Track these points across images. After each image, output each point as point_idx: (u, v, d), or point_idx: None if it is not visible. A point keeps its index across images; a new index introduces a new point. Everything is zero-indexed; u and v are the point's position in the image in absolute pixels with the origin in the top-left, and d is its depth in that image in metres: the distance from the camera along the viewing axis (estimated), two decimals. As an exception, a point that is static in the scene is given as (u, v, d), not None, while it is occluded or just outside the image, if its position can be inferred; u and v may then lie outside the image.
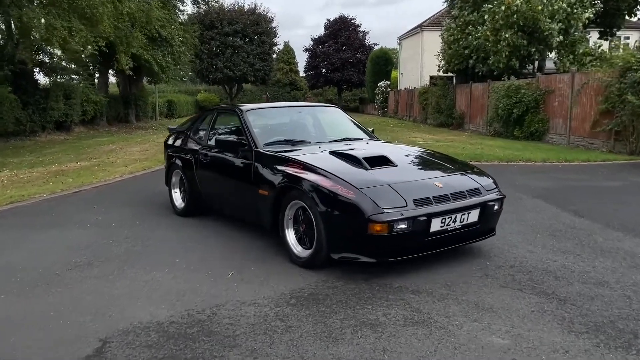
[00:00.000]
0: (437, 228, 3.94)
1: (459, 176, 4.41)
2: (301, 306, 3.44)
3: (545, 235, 5.08)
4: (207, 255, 4.56)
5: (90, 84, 23.44)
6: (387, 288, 3.76)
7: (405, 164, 4.50)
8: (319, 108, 5.98)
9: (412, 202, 3.87)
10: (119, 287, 3.81)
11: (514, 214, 5.95)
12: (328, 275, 4.02)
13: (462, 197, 4.13)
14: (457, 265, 4.21)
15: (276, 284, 3.84)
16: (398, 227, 3.75)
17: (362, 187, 3.89)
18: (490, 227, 4.46)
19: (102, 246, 4.88)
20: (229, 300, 3.55)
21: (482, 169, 4.88)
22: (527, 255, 4.47)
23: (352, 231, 3.83)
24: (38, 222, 5.87)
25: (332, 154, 4.56)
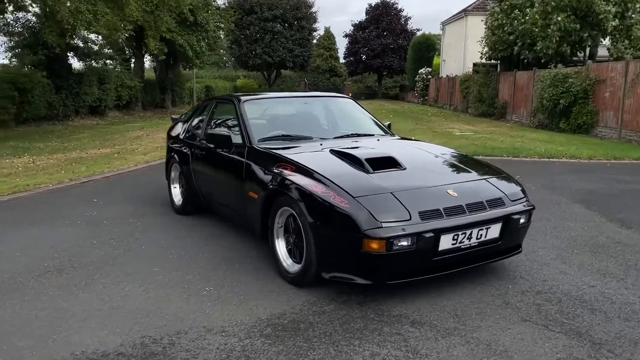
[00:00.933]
0: (447, 246, 3.31)
1: (480, 183, 3.75)
2: (276, 338, 2.89)
3: (583, 251, 4.35)
4: (190, 265, 4.06)
5: (126, 69, 23.42)
6: (384, 316, 3.16)
7: (415, 167, 3.85)
8: (328, 99, 5.36)
9: (417, 215, 3.24)
10: (79, 303, 3.36)
11: (549, 223, 5.22)
12: (319, 295, 3.46)
13: (481, 209, 3.47)
14: (472, 289, 3.57)
15: (255, 306, 3.31)
16: (399, 244, 3.14)
17: (358, 195, 3.30)
18: (515, 244, 3.79)
19: (82, 248, 4.46)
20: (194, 325, 3.04)
21: (519, 166, 4.19)
22: (559, 278, 3.78)
23: (345, 247, 3.24)
24: (28, 217, 5.53)
25: (332, 153, 3.96)
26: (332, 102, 5.32)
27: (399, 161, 3.79)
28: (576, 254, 4.29)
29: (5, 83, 14.50)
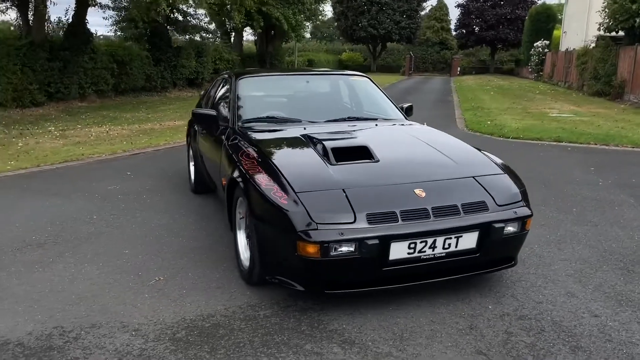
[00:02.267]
0: (401, 255, 2.83)
1: (463, 182, 3.16)
2: (182, 344, 2.64)
3: (613, 269, 3.59)
4: (161, 250, 3.92)
5: (225, 42, 24.04)
6: (316, 330, 2.78)
7: (392, 160, 3.34)
8: (336, 77, 4.89)
9: (364, 217, 2.79)
10: (28, 283, 3.34)
11: (593, 229, 4.41)
12: (264, 297, 3.14)
13: (452, 214, 2.92)
14: (441, 306, 3.05)
15: (190, 303, 3.08)
16: (338, 250, 2.73)
17: (301, 190, 2.91)
18: (503, 256, 3.18)
19: (78, 223, 4.51)
20: (113, 320, 2.88)
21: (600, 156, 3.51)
22: (560, 301, 3.12)
23: (283, 248, 2.89)
24: (56, 188, 5.74)
25: (305, 140, 3.57)
26: (341, 80, 4.85)
27: (373, 152, 3.31)
28: (601, 272, 3.55)
29: (105, 55, 15.45)
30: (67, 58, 13.83)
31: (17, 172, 6.50)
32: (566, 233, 4.34)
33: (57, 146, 8.43)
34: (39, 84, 13.09)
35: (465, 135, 10.10)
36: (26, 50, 12.74)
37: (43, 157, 7.42)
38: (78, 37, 14.18)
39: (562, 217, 4.75)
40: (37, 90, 13.04)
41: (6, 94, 12.13)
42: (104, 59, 15.35)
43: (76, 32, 14.18)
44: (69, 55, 13.86)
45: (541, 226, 4.50)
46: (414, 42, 46.06)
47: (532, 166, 6.99)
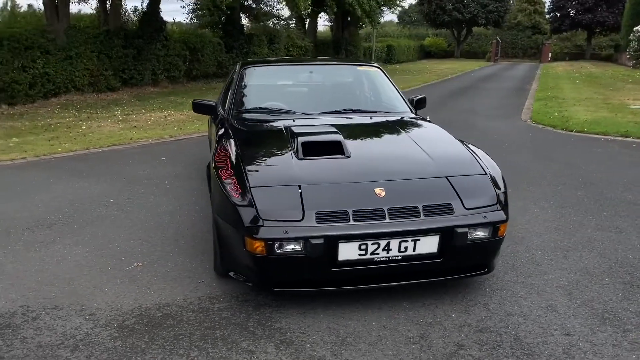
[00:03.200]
0: (352, 256, 2.72)
1: (432, 181, 2.98)
2: (125, 332, 2.71)
3: (615, 282, 3.25)
4: (155, 235, 4.04)
5: (299, 29, 24.18)
6: (260, 328, 2.75)
7: (363, 156, 3.21)
8: (344, 68, 4.76)
9: (312, 216, 2.70)
10: (19, 261, 3.55)
11: (613, 236, 4.01)
12: (226, 290, 3.16)
13: (410, 216, 2.76)
14: (400, 311, 2.91)
15: (154, 291, 3.15)
16: (285, 248, 2.68)
17: (256, 185, 2.87)
18: (473, 264, 2.97)
19: (93, 205, 4.75)
20: (75, 302, 3.00)
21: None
22: (536, 315, 2.87)
23: (235, 243, 2.87)
24: (92, 170, 6.07)
25: (285, 133, 3.51)
26: (348, 71, 4.70)
27: (345, 148, 3.19)
28: (600, 285, 3.22)
29: (178, 43, 16.07)
30: (141, 45, 14.53)
31: (65, 154, 6.94)
32: (582, 239, 3.97)
33: (114, 130, 8.91)
34: (114, 70, 13.88)
35: (524, 128, 9.54)
36: (103, 38, 13.53)
37: (96, 140, 7.87)
38: (152, 26, 14.84)
39: (585, 221, 4.36)
40: (112, 76, 13.84)
41: (83, 80, 12.98)
42: (176, 46, 15.97)
43: (150, 21, 14.85)
44: (143, 42, 14.55)
45: (556, 230, 4.16)
46: (502, 26, 43.86)
47: (579, 163, 6.46)
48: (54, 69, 12.08)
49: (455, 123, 10.03)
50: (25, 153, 6.93)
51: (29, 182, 5.52)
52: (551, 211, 4.62)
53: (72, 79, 12.70)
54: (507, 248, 3.78)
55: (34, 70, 11.54)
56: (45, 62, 11.86)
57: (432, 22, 43.90)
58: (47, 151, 7.07)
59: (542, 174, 5.94)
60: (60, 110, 11.11)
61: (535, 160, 6.68)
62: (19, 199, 4.94)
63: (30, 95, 11.58)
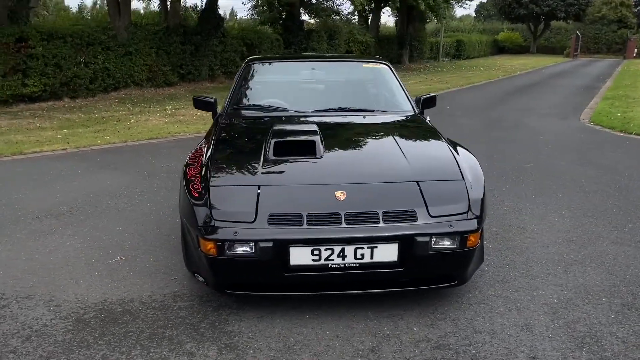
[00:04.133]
0: (304, 262, 2.61)
1: (399, 185, 2.80)
2: (82, 326, 2.74)
3: (612, 303, 2.93)
4: (149, 230, 4.09)
5: (361, 24, 23.95)
6: (212, 329, 2.70)
7: (335, 157, 3.08)
8: (349, 64, 4.59)
9: (265, 218, 2.62)
10: (13, 249, 3.67)
11: (630, 251, 3.65)
12: (196, 287, 3.13)
13: (368, 221, 2.62)
14: (362, 319, 2.77)
15: (125, 285, 3.18)
16: (235, 250, 2.61)
17: (216, 184, 2.83)
18: (439, 274, 2.77)
19: (106, 197, 4.89)
20: (48, 293, 3.08)
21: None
22: (506, 334, 2.64)
23: (193, 242, 2.84)
24: (121, 163, 6.27)
25: (268, 132, 3.43)
26: (352, 68, 4.54)
27: (317, 148, 3.07)
28: (593, 305, 2.92)
29: (235, 39, 16.38)
30: (199, 42, 14.91)
31: (103, 147, 7.23)
32: (593, 253, 3.63)
33: (159, 124, 9.20)
34: (172, 65, 14.34)
35: (578, 128, 8.93)
36: (162, 34, 14.01)
37: (137, 134, 8.15)
38: (210, 22, 15.19)
39: (605, 234, 3.98)
40: (170, 71, 14.30)
41: (142, 75, 13.50)
42: (233, 42, 16.28)
43: (208, 18, 15.20)
44: (201, 39, 14.92)
45: (567, 242, 3.82)
46: (583, 19, 41.38)
47: (622, 169, 5.94)
48: (114, 64, 12.64)
49: (504, 122, 9.57)
50: (67, 144, 7.28)
51: (58, 173, 5.78)
52: (570, 220, 4.26)
53: (132, 74, 13.24)
54: (503, 259, 3.52)
55: (94, 65, 12.14)
56: (106, 58, 12.43)
57: (507, 16, 42.16)
58: (88, 143, 7.40)
59: (576, 179, 5.51)
60: (117, 104, 11.62)
61: (575, 164, 6.21)
62: (42, 188, 5.18)
63: (91, 89, 12.19)
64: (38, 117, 9.63)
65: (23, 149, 6.90)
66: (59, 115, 9.94)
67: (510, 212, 4.47)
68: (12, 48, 10.45)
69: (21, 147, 6.99)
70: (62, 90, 11.54)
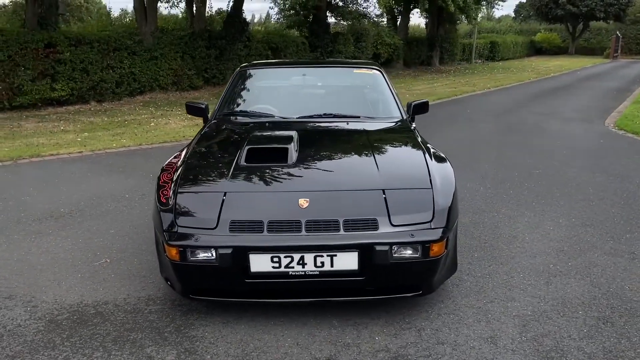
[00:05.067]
0: (265, 269, 2.63)
1: (364, 193, 2.78)
2: (53, 327, 2.82)
3: (590, 317, 2.84)
4: (140, 233, 4.18)
5: (389, 26, 23.81)
6: (176, 333, 2.75)
7: (305, 165, 3.07)
8: (341, 70, 4.58)
9: (227, 225, 2.65)
10: (10, 250, 3.82)
11: (622, 263, 3.52)
12: (171, 291, 3.18)
13: (328, 229, 2.61)
14: (326, 326, 2.76)
15: (104, 288, 3.26)
16: (197, 256, 2.65)
17: (183, 190, 2.87)
18: (403, 284, 2.74)
19: (108, 200, 5.01)
20: (29, 294, 3.18)
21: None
22: (469, 347, 2.59)
23: (160, 247, 2.89)
24: (129, 166, 6.42)
25: (244, 135, 3.46)
26: (343, 74, 4.53)
27: (289, 155, 3.08)
28: (567, 318, 2.83)
29: (260, 43, 16.52)
30: (224, 46, 15.11)
31: (117, 150, 7.41)
32: (581, 264, 3.52)
33: (177, 127, 9.37)
34: (197, 69, 14.57)
35: (600, 133, 8.67)
36: (187, 39, 14.26)
37: (153, 137, 8.33)
38: (234, 27, 15.37)
39: (599, 244, 3.86)
40: (195, 75, 14.53)
41: (167, 79, 13.78)
42: (258, 46, 16.41)
43: (233, 22, 15.39)
44: (225, 43, 15.12)
45: (557, 252, 3.72)
46: (624, 20, 40.00)
47: (635, 176, 5.73)
48: (139, 68, 12.94)
49: (525, 126, 9.36)
50: (84, 147, 7.49)
51: (69, 175, 5.96)
52: (566, 230, 4.14)
53: (157, 78, 13.52)
54: (485, 269, 3.45)
55: (120, 70, 12.45)
56: (132, 63, 12.73)
57: (544, 16, 41.17)
58: (104, 146, 7.60)
59: (582, 186, 5.34)
60: (141, 107, 11.89)
61: (586, 171, 6.02)
62: (49, 190, 5.35)
63: (117, 93, 12.51)
64: (64, 121, 9.94)
65: (41, 152, 7.14)
66: (84, 119, 10.23)
67: (505, 220, 4.37)
68: (41, 53, 10.83)
69: (40, 150, 7.23)
70: (89, 94, 11.89)
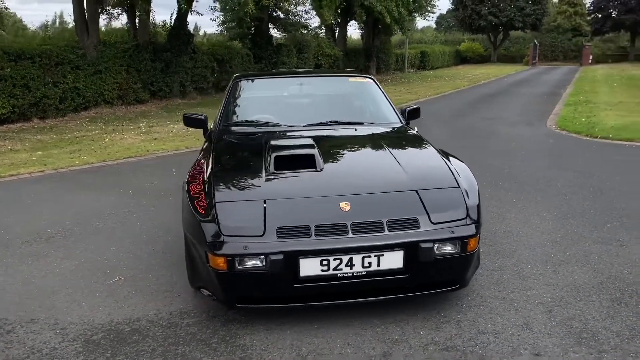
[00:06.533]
0: (314, 272, 2.69)
1: (400, 195, 2.91)
2: (93, 347, 2.74)
3: (603, 299, 3.09)
4: (143, 249, 4.09)
5: (328, 38, 24.25)
6: (224, 343, 2.74)
7: (334, 170, 3.18)
8: (334, 79, 4.76)
9: (274, 231, 2.69)
10: (10, 274, 3.64)
11: (613, 250, 3.84)
12: (201, 304, 3.16)
13: (374, 230, 2.71)
14: (370, 326, 2.85)
15: (129, 305, 3.18)
16: (245, 264, 2.67)
17: (222, 200, 2.88)
18: (442, 279, 2.88)
19: (94, 218, 4.84)
20: (52, 316, 3.06)
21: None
22: (508, 334, 2.76)
23: (200, 259, 2.88)
24: (103, 183, 6.22)
25: (264, 146, 3.51)
26: (338, 83, 4.68)
27: (317, 161, 3.16)
28: (585, 302, 3.07)
29: (205, 55, 16.37)
30: (169, 58, 14.86)
31: (82, 167, 7.14)
32: (577, 253, 3.81)
33: (135, 142, 9.13)
34: (143, 83, 14.23)
35: (547, 134, 9.28)
36: (132, 52, 13.91)
37: (114, 153, 8.08)
38: (179, 39, 15.16)
39: (586, 234, 4.18)
40: (141, 88, 14.19)
41: (112, 93, 13.36)
42: (204, 58, 16.27)
43: (178, 34, 15.17)
44: (171, 55, 14.87)
45: (552, 243, 4.00)
46: (540, 29, 42.84)
47: (594, 171, 6.23)
48: (83, 83, 12.48)
49: (477, 130, 9.85)
50: (44, 166, 7.16)
51: (40, 195, 5.70)
52: (552, 223, 4.46)
53: (102, 93, 13.08)
54: (495, 262, 3.66)
55: (64, 85, 11.96)
56: (75, 77, 12.26)
57: (467, 27, 43.32)
58: (66, 164, 7.30)
59: (552, 183, 5.74)
60: (88, 123, 11.46)
61: (549, 169, 6.46)
62: (25, 211, 5.11)
63: (61, 109, 12.00)
64: (9, 140, 9.43)
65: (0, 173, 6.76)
66: (30, 137, 9.75)
67: (495, 217, 4.64)
68: (-22, 70, 10.24)
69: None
70: (31, 111, 11.34)
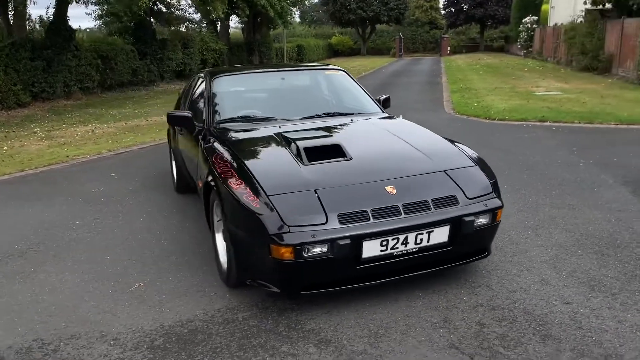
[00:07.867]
0: (374, 253, 2.87)
1: (433, 176, 3.19)
2: (162, 352, 2.67)
3: (588, 253, 3.64)
4: (142, 254, 3.95)
5: (211, 32, 23.84)
6: (293, 331, 2.82)
7: (364, 157, 3.37)
8: (313, 72, 4.91)
9: (335, 218, 2.82)
10: (7, 294, 3.35)
11: (570, 212, 4.46)
12: (243, 299, 3.18)
13: (422, 209, 2.96)
14: (416, 299, 3.10)
15: (169, 309, 3.11)
16: (312, 251, 2.76)
17: (274, 192, 2.93)
18: (476, 248, 3.23)
19: (59, 229, 4.51)
20: (92, 330, 2.91)
21: (584, 135, 3.53)
22: (533, 289, 3.17)
23: (257, 252, 2.91)
24: (40, 192, 5.74)
25: (278, 139, 3.59)
26: (317, 75, 4.86)
27: (345, 150, 3.33)
28: (576, 257, 3.60)
29: (89, 52, 15.32)
30: (50, 56, 13.72)
31: (0, 178, 6.48)
32: (544, 217, 4.38)
33: (42, 148, 8.41)
34: (23, 84, 12.99)
35: (452, 119, 10.14)
36: (8, 51, 12.62)
37: (28, 161, 7.40)
38: (60, 35, 14.04)
39: (541, 201, 4.80)
40: (22, 90, 12.94)
41: (-10, 96, 12.05)
42: (87, 55, 15.23)
43: (58, 30, 14.04)
44: (52, 53, 13.74)
45: (520, 212, 4.55)
46: (402, 22, 45.74)
47: (512, 149, 7.03)
48: (-44, 86, 11.12)
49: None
50: (-48, 180, 6.38)
51: (-26, 211, 5.13)
52: (510, 195, 5.03)
53: (-22, 97, 11.75)
54: (485, 232, 4.09)
55: None
56: (-53, 80, 10.88)
57: (337, 21, 44.87)
58: (-24, 176, 6.56)
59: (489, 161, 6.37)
60: (-30, 131, 10.26)
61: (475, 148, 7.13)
62: (-28, 229, 4.59)
63: None
64: None
65: None
66: None
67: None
68: None
69: None
70: None
